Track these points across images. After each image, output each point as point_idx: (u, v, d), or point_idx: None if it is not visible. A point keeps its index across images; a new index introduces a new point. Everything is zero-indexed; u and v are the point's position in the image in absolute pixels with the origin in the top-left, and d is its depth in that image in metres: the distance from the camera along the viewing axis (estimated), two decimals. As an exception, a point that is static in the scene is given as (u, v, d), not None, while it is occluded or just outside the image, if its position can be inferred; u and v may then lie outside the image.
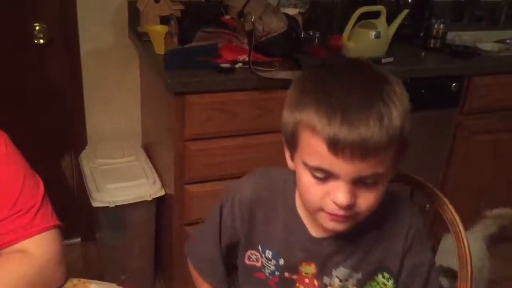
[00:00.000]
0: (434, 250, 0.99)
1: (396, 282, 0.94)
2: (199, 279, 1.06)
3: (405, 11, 1.98)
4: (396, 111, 0.73)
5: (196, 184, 1.74)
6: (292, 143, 0.81)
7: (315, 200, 0.80)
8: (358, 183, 0.76)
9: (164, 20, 1.84)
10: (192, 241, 1.09)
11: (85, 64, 2.08)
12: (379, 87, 0.75)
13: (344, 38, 1.91)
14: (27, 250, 0.88)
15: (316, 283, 0.93)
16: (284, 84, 1.69)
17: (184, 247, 1.10)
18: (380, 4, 1.96)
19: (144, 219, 1.95)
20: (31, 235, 0.89)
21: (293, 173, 0.87)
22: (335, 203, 0.77)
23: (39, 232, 0.90)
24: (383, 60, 1.91)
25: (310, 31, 2.06)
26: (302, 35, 1.97)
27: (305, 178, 0.79)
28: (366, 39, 1.91)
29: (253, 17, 1.77)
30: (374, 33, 1.91)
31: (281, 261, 0.94)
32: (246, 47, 1.77)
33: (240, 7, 1.87)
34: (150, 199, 1.87)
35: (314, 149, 0.75)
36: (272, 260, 0.95)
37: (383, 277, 0.93)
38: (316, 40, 2.07)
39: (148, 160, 2.06)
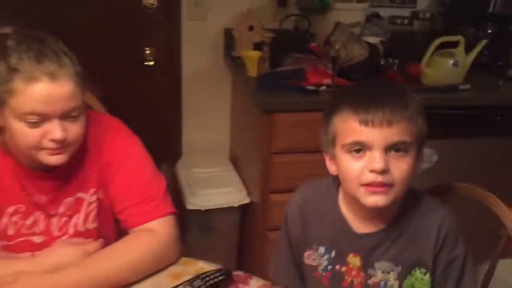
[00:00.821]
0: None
1: (433, 275, 1.05)
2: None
3: (484, 41, 2.04)
4: (414, 101, 0.97)
5: (280, 194, 1.91)
6: (333, 142, 1.00)
7: (355, 176, 0.96)
8: (389, 152, 0.93)
9: (257, 46, 2.06)
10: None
11: (185, 83, 2.35)
12: (400, 87, 1.04)
13: (422, 65, 2.00)
14: (153, 229, 1.09)
15: (362, 274, 1.06)
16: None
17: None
18: (459, 35, 2.03)
19: (229, 224, 2.16)
20: (157, 217, 1.11)
21: (335, 179, 1.07)
22: (372, 171, 0.93)
23: (163, 215, 1.11)
24: (460, 87, 1.99)
25: (390, 59, 2.15)
26: (382, 62, 2.10)
27: (345, 160, 0.97)
28: (444, 67, 2.00)
29: (338, 45, 1.94)
30: (452, 61, 2.00)
31: (333, 253, 1.08)
32: (330, 71, 1.94)
33: (325, 35, 2.05)
34: (237, 205, 2.08)
35: (349, 129, 0.95)
36: (325, 255, 1.09)
37: (420, 272, 1.04)
38: (395, 67, 2.15)
39: (235, 171, 2.27)
